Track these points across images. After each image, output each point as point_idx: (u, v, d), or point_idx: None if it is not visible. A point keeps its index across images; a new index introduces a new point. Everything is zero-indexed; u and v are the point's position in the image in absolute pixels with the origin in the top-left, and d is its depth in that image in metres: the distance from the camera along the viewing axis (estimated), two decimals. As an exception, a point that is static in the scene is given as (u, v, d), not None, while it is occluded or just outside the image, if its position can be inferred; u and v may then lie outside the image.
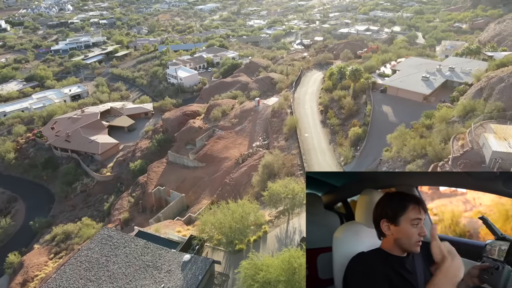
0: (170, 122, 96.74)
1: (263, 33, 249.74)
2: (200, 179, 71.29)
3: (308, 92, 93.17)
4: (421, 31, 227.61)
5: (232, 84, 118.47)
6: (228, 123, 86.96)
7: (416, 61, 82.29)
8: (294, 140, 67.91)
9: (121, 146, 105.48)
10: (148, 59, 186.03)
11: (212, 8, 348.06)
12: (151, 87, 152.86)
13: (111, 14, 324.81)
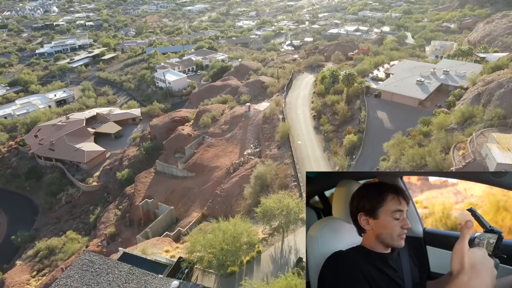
0: (158, 129, 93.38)
1: (253, 34, 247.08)
2: (189, 190, 68.25)
3: (300, 96, 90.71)
4: (410, 31, 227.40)
5: (222, 88, 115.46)
6: (218, 129, 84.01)
7: (410, 64, 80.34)
8: (287, 148, 65.31)
9: (108, 154, 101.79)
10: (136, 62, 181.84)
11: (201, 9, 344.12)
12: (139, 91, 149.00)
13: (97, 16, 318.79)
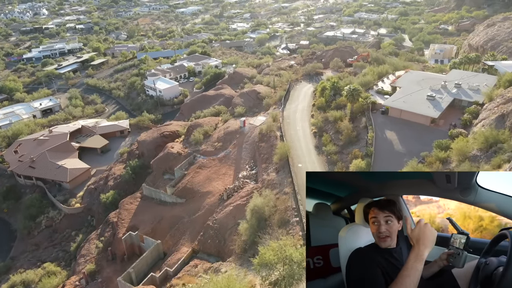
0: (147, 145, 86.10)
1: (247, 37, 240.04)
2: (179, 219, 61.14)
3: (299, 109, 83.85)
4: (407, 33, 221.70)
5: (215, 98, 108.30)
6: (211, 147, 76.93)
7: (417, 76, 73.75)
8: (286, 173, 58.42)
9: (93, 170, 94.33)
10: (126, 68, 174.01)
11: (194, 11, 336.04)
12: (128, 100, 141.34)
13: (88, 19, 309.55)
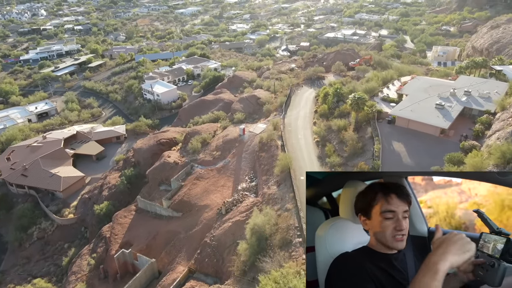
0: (143, 154, 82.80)
1: (247, 38, 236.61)
2: (175, 234, 57.87)
3: (300, 115, 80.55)
4: (409, 34, 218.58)
5: (213, 103, 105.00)
6: (209, 156, 73.65)
7: (424, 82, 70.43)
8: (287, 187, 55.13)
9: (88, 178, 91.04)
10: (124, 70, 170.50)
11: (193, 11, 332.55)
12: (125, 103, 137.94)
13: (87, 20, 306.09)
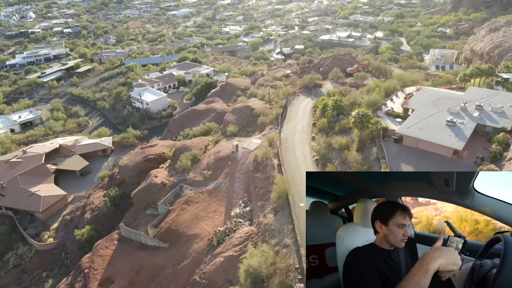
0: (129, 172, 76.42)
1: (240, 41, 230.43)
2: (161, 269, 51.72)
3: (298, 129, 74.65)
4: (405, 36, 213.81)
5: (205, 113, 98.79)
6: (200, 175, 67.50)
7: (431, 95, 64.83)
8: (286, 216, 49.19)
9: (71, 197, 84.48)
10: (113, 76, 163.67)
11: (186, 13, 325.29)
12: (114, 112, 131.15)
13: (76, 22, 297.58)
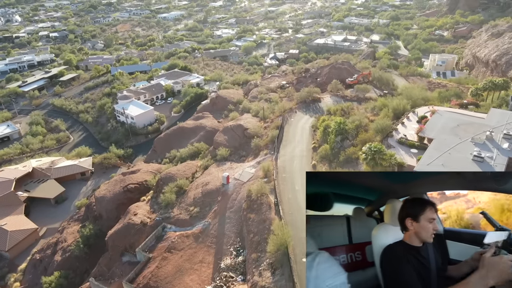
0: (106, 205, 66.94)
1: (233, 45, 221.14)
2: None
3: (296, 154, 65.68)
4: (401, 40, 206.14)
5: (194, 131, 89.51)
6: (185, 213, 58.29)
7: (450, 120, 56.27)
8: (286, 278, 40.22)
9: (43, 230, 74.90)
10: (98, 85, 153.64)
11: (177, 16, 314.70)
12: (97, 126, 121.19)
13: (64, 26, 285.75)
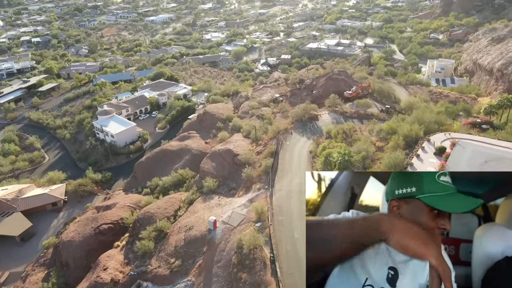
0: (73, 251, 56.90)
1: (222, 50, 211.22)
2: None
3: (294, 189, 56.45)
4: (396, 43, 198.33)
5: (178, 155, 79.80)
6: (165, 266, 48.74)
7: (474, 153, 47.50)
8: None
9: (5, 275, 64.55)
10: (80, 96, 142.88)
11: (165, 19, 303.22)
12: (75, 144, 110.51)
13: (47, 30, 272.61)
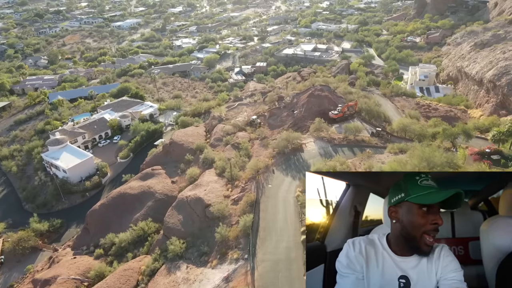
0: None
1: (194, 58, 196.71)
2: None
3: (281, 258, 43.95)
4: (374, 48, 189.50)
5: (139, 200, 65.69)
6: None
7: None
8: None
9: None
10: (32, 117, 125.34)
11: (132, 24, 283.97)
12: (22, 179, 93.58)
13: (4, 38, 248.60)
